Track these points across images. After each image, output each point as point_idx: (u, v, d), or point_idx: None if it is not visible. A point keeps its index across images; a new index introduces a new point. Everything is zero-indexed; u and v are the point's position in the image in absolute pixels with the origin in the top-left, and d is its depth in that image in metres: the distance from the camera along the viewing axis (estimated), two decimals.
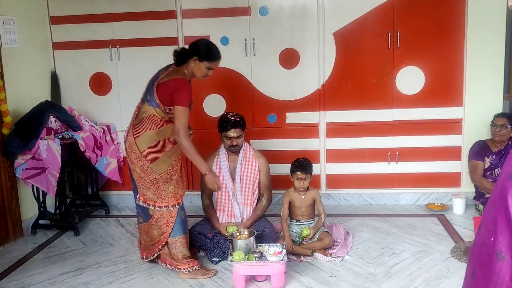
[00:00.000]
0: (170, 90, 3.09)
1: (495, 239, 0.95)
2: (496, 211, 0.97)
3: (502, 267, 0.92)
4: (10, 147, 3.89)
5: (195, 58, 3.17)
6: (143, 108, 3.19)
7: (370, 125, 4.47)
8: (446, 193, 4.51)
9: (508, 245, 0.92)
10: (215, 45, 3.29)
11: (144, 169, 3.15)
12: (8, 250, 3.89)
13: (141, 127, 3.17)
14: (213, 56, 3.21)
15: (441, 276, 3.15)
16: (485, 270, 0.98)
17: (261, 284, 3.14)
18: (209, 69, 3.22)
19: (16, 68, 4.16)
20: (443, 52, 4.29)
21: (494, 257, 0.94)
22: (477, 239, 1.05)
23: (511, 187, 0.93)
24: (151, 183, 3.17)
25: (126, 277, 3.34)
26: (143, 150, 3.13)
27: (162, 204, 3.21)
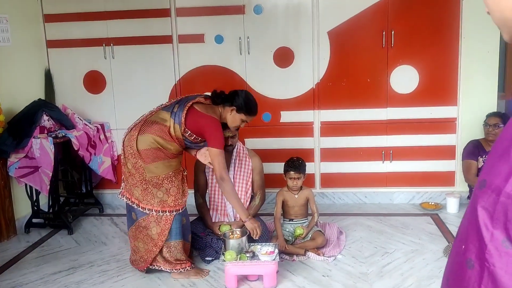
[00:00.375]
0: (203, 125, 3.12)
1: (465, 247, 0.96)
2: (467, 219, 0.98)
3: (472, 275, 0.93)
4: (3, 146, 3.88)
5: (233, 109, 3.23)
6: (163, 115, 3.15)
7: (364, 124, 4.47)
8: (440, 192, 4.52)
9: (477, 253, 0.92)
10: (254, 100, 3.34)
11: (136, 167, 3.11)
12: (1, 249, 3.88)
13: (149, 128, 3.12)
14: (251, 112, 3.29)
15: (433, 276, 3.16)
16: (456, 277, 0.98)
17: (253, 284, 3.14)
18: (243, 121, 3.29)
19: (9, 67, 4.15)
20: (438, 51, 4.29)
21: (464, 264, 0.95)
22: (453, 245, 1.06)
23: (481, 196, 0.93)
24: (140, 182, 3.12)
25: (119, 276, 3.34)
26: (140, 148, 3.09)
27: (146, 206, 3.14)
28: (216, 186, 3.65)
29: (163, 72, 4.57)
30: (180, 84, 4.56)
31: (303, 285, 3.10)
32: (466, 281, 0.94)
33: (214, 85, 4.48)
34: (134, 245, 3.27)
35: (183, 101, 3.21)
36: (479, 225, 0.92)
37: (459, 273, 0.97)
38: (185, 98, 3.25)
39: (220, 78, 4.50)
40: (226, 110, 3.26)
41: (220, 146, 3.11)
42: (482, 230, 0.91)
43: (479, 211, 0.92)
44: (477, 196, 0.95)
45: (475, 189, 0.97)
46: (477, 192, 0.95)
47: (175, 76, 4.57)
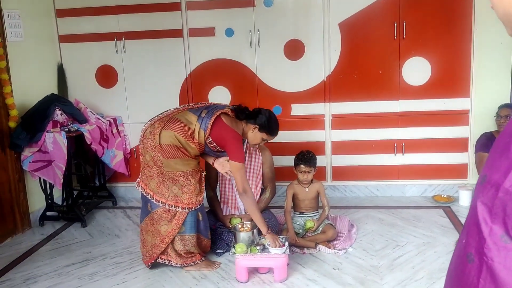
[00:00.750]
0: (226, 138, 3.17)
1: (466, 241, 0.96)
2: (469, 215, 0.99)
3: (472, 269, 0.93)
4: (17, 140, 3.93)
5: (256, 127, 3.29)
6: (189, 117, 3.17)
7: (376, 116, 4.44)
8: (453, 185, 4.48)
9: (476, 247, 0.93)
10: (277, 121, 3.41)
11: (155, 160, 3.13)
12: (16, 242, 3.95)
13: (173, 125, 3.14)
14: (273, 132, 3.38)
15: (444, 269, 3.13)
16: (458, 272, 0.99)
17: (264, 277, 3.15)
18: (263, 140, 3.38)
19: (22, 62, 4.19)
20: (450, 42, 4.24)
21: (465, 259, 0.96)
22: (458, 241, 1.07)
23: (481, 191, 0.94)
24: (156, 175, 3.16)
25: (131, 268, 3.38)
26: (162, 143, 3.11)
27: (160, 199, 3.17)
28: (226, 179, 3.67)
29: (174, 66, 4.59)
30: (191, 77, 4.57)
31: (314, 278, 3.11)
32: (466, 275, 0.94)
33: (225, 78, 4.54)
34: (144, 237, 3.30)
35: (212, 108, 3.23)
36: (478, 219, 0.92)
37: (461, 267, 0.97)
38: (214, 106, 3.27)
39: (231, 71, 4.50)
40: (249, 127, 3.32)
41: (241, 160, 3.17)
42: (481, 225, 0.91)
43: (478, 206, 0.93)
44: (478, 191, 0.95)
45: (477, 184, 0.98)
46: (477, 187, 0.96)
47: (186, 70, 4.58)
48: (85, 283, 3.20)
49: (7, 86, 3.90)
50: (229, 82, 4.55)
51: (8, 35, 3.99)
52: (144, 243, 3.31)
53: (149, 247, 3.26)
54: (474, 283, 0.92)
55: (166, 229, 3.18)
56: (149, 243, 3.25)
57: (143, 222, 3.31)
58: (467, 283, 0.94)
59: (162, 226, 3.18)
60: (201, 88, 4.57)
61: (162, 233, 3.19)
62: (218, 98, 4.55)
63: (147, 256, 3.30)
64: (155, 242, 3.22)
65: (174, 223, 3.17)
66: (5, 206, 3.96)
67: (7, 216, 3.98)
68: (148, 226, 3.26)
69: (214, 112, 3.17)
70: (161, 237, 3.20)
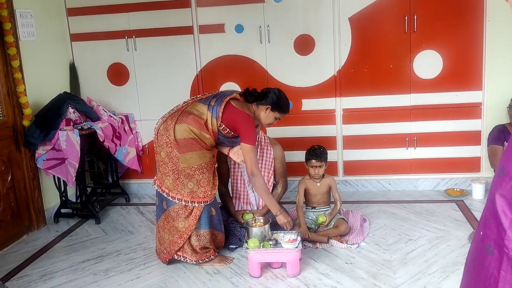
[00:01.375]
0: (238, 121, 3.18)
1: (484, 233, 0.96)
2: (486, 206, 0.98)
3: (491, 261, 0.93)
4: (31, 138, 3.98)
5: (268, 107, 3.31)
6: (199, 107, 3.20)
7: (387, 110, 4.42)
8: (466, 179, 4.45)
9: (496, 240, 0.92)
10: (287, 98, 3.43)
11: (170, 156, 3.14)
12: (31, 238, 4.01)
13: (186, 119, 3.16)
14: (285, 110, 3.40)
15: (458, 262, 3.13)
16: (476, 263, 0.99)
17: (277, 271, 3.17)
18: (276, 119, 3.39)
19: (35, 61, 4.24)
20: (462, 34, 4.20)
21: (483, 251, 0.95)
22: (475, 234, 1.06)
23: (499, 183, 0.93)
24: (172, 172, 3.17)
25: (145, 264, 3.41)
26: (177, 137, 3.13)
27: (176, 195, 3.19)
28: (238, 175, 3.68)
29: (185, 63, 4.61)
30: (202, 74, 4.59)
31: (326, 272, 3.11)
32: (486, 267, 0.94)
33: (235, 75, 4.55)
34: (161, 235, 3.32)
35: (220, 95, 3.25)
36: (497, 212, 0.92)
37: (479, 259, 0.97)
38: (222, 93, 3.29)
39: (241, 67, 4.51)
40: (260, 108, 3.33)
41: (252, 143, 3.18)
42: (500, 217, 0.91)
43: (497, 198, 0.92)
44: (496, 183, 0.95)
45: (494, 176, 0.97)
46: (495, 179, 0.95)
47: (197, 67, 4.60)
48: (100, 278, 3.23)
49: (20, 85, 3.95)
50: (239, 78, 4.56)
51: (21, 34, 4.04)
52: (161, 241, 3.33)
53: (166, 244, 3.28)
54: (495, 275, 0.91)
55: (184, 225, 3.20)
56: (166, 240, 3.27)
57: (159, 220, 3.32)
58: (487, 275, 0.94)
59: (179, 222, 3.20)
60: (211, 84, 4.58)
61: (179, 229, 3.21)
62: None
63: (164, 253, 3.32)
64: (173, 239, 3.24)
65: (191, 218, 3.19)
66: (20, 203, 4.02)
67: (22, 213, 4.04)
68: (164, 223, 3.27)
69: (223, 99, 3.19)
70: (179, 234, 3.22)
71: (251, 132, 3.19)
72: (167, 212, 3.24)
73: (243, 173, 3.66)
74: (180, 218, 3.19)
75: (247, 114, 3.23)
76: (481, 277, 0.96)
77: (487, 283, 0.93)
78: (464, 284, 1.08)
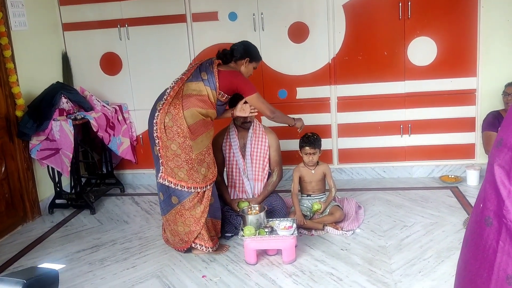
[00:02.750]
0: (233, 80, 3.28)
1: (483, 205, 0.96)
2: (485, 178, 0.98)
3: (490, 232, 0.93)
4: (24, 128, 3.95)
5: (247, 60, 3.41)
6: (194, 86, 3.21)
7: (382, 98, 4.42)
8: (460, 165, 4.47)
9: (495, 210, 0.92)
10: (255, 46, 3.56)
11: (183, 146, 3.11)
12: (26, 229, 3.99)
13: (189, 103, 3.15)
14: (260, 57, 3.55)
15: (452, 248, 3.15)
16: (475, 236, 0.99)
17: (273, 258, 3.18)
18: (253, 69, 3.53)
19: (27, 51, 4.20)
20: (456, 21, 4.19)
21: (482, 223, 0.95)
22: (473, 209, 1.06)
23: (497, 154, 0.93)
24: (185, 162, 3.13)
25: (141, 253, 3.41)
26: (189, 124, 3.11)
27: (192, 185, 3.15)
28: (233, 163, 3.67)
29: (178, 52, 4.58)
30: None
31: (322, 259, 3.12)
32: (484, 239, 0.94)
33: None
34: (172, 228, 3.29)
35: (205, 67, 3.28)
36: (496, 182, 0.91)
37: (478, 232, 0.97)
38: (204, 65, 3.31)
39: None
40: (239, 64, 3.41)
41: (255, 90, 3.33)
42: (499, 188, 0.91)
43: (495, 169, 0.92)
44: (494, 155, 0.95)
45: (492, 148, 0.97)
46: (494, 150, 0.95)
47: (190, 55, 4.57)
48: (96, 268, 3.23)
49: (13, 75, 3.92)
50: None
51: (12, 24, 3.99)
52: (174, 233, 3.30)
53: (182, 235, 3.26)
54: (493, 245, 0.92)
55: (200, 209, 3.20)
56: (181, 232, 3.25)
57: (169, 215, 3.26)
58: (485, 246, 0.94)
59: (196, 209, 3.20)
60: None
61: (197, 215, 3.20)
62: None
63: (181, 243, 3.30)
64: (189, 229, 3.22)
65: (205, 200, 3.22)
66: (15, 194, 4.00)
67: (17, 204, 4.02)
68: (176, 217, 3.23)
69: (212, 69, 3.25)
70: (196, 221, 3.20)
71: (248, 83, 3.32)
72: (179, 207, 3.20)
73: (238, 161, 3.66)
74: (196, 205, 3.19)
75: (236, 71, 3.35)
76: (480, 248, 0.96)
77: (485, 254, 0.94)
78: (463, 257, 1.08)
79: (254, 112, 3.45)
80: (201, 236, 3.24)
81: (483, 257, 0.95)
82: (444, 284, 2.74)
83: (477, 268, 0.98)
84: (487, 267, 0.95)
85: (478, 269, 0.97)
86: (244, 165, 3.66)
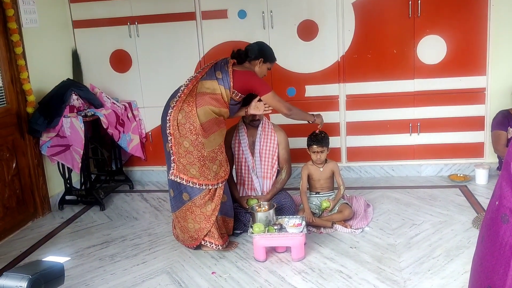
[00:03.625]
0: (249, 79, 3.30)
1: (499, 203, 0.97)
2: (501, 176, 0.98)
3: (507, 229, 0.94)
4: (35, 125, 3.98)
5: (261, 60, 3.44)
6: (208, 85, 3.24)
7: (391, 96, 4.42)
8: (469, 164, 4.46)
9: (511, 208, 0.93)
10: (270, 47, 3.60)
11: (195, 143, 3.14)
12: (37, 225, 4.03)
13: (203, 101, 3.19)
14: (274, 58, 3.56)
15: (461, 246, 3.15)
16: (491, 233, 0.99)
17: (282, 256, 3.19)
18: (268, 69, 3.55)
19: (38, 48, 4.23)
20: (466, 19, 4.18)
21: (499, 220, 0.96)
22: (488, 206, 1.07)
23: None
24: (197, 159, 3.16)
25: (151, 249, 3.43)
26: (202, 121, 3.14)
27: (203, 182, 3.18)
28: (243, 161, 3.69)
29: (188, 49, 4.59)
30: (204, 60, 4.57)
31: (331, 257, 3.13)
32: (500, 236, 0.95)
33: None
34: (182, 225, 3.31)
35: (220, 66, 3.30)
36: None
37: (494, 229, 0.98)
38: (220, 63, 3.33)
39: None
40: (253, 63, 3.43)
41: (270, 89, 3.34)
42: None
43: None
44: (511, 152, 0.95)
45: (510, 146, 0.97)
46: (511, 149, 0.96)
47: (199, 53, 4.58)
48: (106, 263, 3.26)
49: (24, 72, 3.95)
50: None
51: (24, 21, 4.02)
52: (184, 230, 3.32)
53: (192, 233, 3.28)
54: (510, 242, 0.92)
55: (211, 207, 3.22)
56: (191, 229, 3.27)
57: (179, 211, 3.29)
58: (501, 243, 0.94)
59: (207, 207, 3.21)
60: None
61: (207, 213, 3.22)
62: None
63: (190, 240, 3.32)
64: (200, 226, 3.24)
65: (216, 199, 3.24)
66: (25, 190, 4.04)
67: (27, 200, 4.06)
68: (186, 214, 3.25)
69: (227, 69, 3.26)
70: (206, 218, 3.22)
71: (263, 83, 3.35)
72: (190, 203, 3.22)
73: (247, 159, 3.67)
74: (207, 203, 3.21)
75: (251, 71, 3.36)
76: (496, 245, 0.97)
77: (502, 251, 0.94)
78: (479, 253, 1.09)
79: (268, 110, 3.47)
80: (211, 234, 3.26)
81: (499, 253, 0.96)
82: (454, 282, 2.74)
83: (493, 264, 0.99)
84: (504, 264, 0.95)
85: (495, 265, 0.98)
86: (253, 163, 3.67)
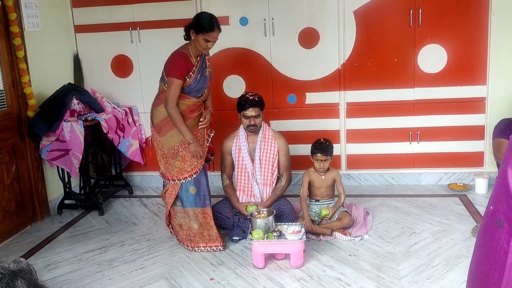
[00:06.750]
0: (166, 63, 3.30)
1: (494, 207, 0.97)
2: (497, 181, 0.99)
3: (501, 234, 0.94)
4: (35, 129, 3.98)
5: (192, 32, 3.21)
6: (160, 86, 3.40)
7: (391, 104, 4.42)
8: (469, 173, 4.46)
9: (506, 213, 0.94)
10: (210, 17, 3.20)
11: (156, 142, 3.40)
12: (35, 229, 4.02)
13: (156, 101, 3.37)
14: (204, 28, 3.13)
15: (461, 255, 3.14)
16: (487, 238, 1.00)
17: (281, 263, 3.18)
18: (207, 41, 3.18)
19: (40, 52, 4.24)
20: (467, 29, 4.20)
21: (494, 225, 0.97)
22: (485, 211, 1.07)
23: (511, 158, 0.94)
24: (162, 157, 3.39)
25: (149, 254, 3.42)
26: (155, 123, 3.34)
27: (170, 177, 3.38)
28: (242, 167, 3.69)
29: None
30: None
31: (330, 264, 3.12)
32: (496, 241, 0.95)
33: (239, 68, 4.54)
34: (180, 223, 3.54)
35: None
36: (508, 185, 0.93)
37: (490, 234, 0.98)
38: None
39: (245, 60, 4.51)
40: (192, 40, 3.25)
41: (173, 75, 3.16)
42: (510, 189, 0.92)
43: (508, 171, 0.93)
44: (508, 158, 0.96)
45: (507, 151, 0.98)
46: (508, 153, 0.96)
47: None
48: (104, 268, 3.25)
49: (25, 75, 3.95)
50: (243, 71, 4.56)
51: (26, 25, 4.03)
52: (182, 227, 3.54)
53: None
54: (504, 247, 0.93)
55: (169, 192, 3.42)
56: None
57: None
58: (496, 248, 0.95)
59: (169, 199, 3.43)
60: (215, 77, 4.55)
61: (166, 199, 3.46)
62: (233, 87, 4.57)
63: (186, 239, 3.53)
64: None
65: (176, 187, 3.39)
66: (24, 194, 4.03)
67: (26, 204, 4.05)
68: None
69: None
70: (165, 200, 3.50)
71: (172, 65, 3.18)
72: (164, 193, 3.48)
73: (247, 165, 3.67)
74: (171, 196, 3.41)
75: (176, 52, 3.26)
76: (491, 250, 0.97)
77: (496, 255, 0.95)
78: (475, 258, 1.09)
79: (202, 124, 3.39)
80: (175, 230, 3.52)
81: (494, 258, 0.97)
82: None
83: (489, 269, 0.99)
84: (498, 268, 0.96)
85: (490, 270, 0.99)
86: (253, 169, 3.67)
